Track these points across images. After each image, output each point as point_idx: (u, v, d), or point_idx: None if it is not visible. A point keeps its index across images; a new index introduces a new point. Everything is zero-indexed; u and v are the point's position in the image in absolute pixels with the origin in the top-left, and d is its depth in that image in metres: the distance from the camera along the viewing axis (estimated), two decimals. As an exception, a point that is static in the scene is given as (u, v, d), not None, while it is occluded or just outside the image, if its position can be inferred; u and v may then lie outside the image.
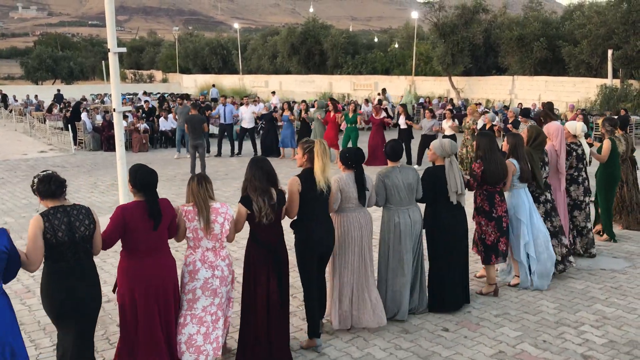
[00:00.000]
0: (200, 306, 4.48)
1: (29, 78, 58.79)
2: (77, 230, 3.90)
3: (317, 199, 4.95)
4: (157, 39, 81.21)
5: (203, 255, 4.50)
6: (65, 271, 3.89)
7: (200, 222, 4.43)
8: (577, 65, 28.29)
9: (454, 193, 5.65)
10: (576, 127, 7.48)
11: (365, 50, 42.57)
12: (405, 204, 5.56)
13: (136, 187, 4.31)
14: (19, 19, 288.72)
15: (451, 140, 5.92)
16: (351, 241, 5.24)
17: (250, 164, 4.76)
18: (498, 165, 6.07)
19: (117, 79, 8.72)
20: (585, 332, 5.39)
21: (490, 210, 6.16)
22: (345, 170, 5.31)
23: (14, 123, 27.58)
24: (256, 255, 4.70)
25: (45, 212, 3.89)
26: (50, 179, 3.92)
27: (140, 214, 4.23)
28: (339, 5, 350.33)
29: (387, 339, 5.29)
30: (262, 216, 4.61)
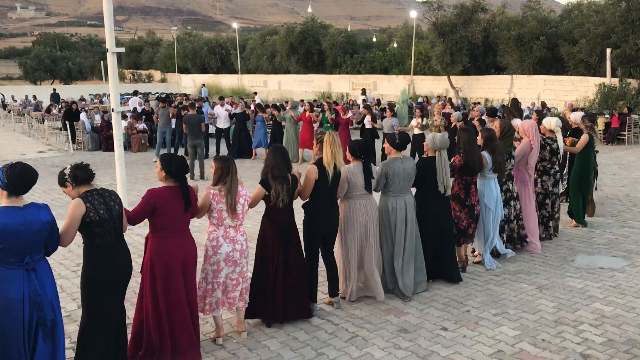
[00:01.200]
0: (223, 275, 5.07)
1: (27, 78, 58.72)
2: (113, 208, 4.32)
3: (328, 185, 5.58)
4: (156, 39, 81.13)
5: (225, 231, 5.05)
6: (111, 245, 4.31)
7: (225, 204, 4.94)
8: (575, 65, 28.32)
9: (442, 184, 6.26)
10: (551, 122, 8.18)
11: (364, 49, 42.59)
12: (402, 192, 6.14)
13: (170, 173, 4.71)
14: (17, 19, 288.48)
15: (444, 135, 6.52)
16: (358, 225, 5.88)
17: (273, 152, 5.42)
18: (476, 158, 6.71)
19: (116, 79, 8.72)
20: (584, 331, 5.39)
21: (465, 198, 6.82)
22: (354, 160, 5.91)
23: (13, 123, 27.56)
24: (269, 232, 5.40)
25: (84, 195, 4.25)
26: (85, 165, 4.34)
27: (171, 197, 4.67)
28: (337, 5, 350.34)
29: (386, 338, 5.30)
30: (279, 201, 5.29)
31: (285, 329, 5.50)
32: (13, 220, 3.75)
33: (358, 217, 5.87)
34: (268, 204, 5.40)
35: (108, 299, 4.33)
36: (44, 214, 3.93)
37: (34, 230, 3.82)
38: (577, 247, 7.95)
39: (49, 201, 11.25)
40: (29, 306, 3.82)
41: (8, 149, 19.45)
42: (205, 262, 5.10)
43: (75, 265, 7.38)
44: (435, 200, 6.36)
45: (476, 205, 6.86)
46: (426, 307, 5.97)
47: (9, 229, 3.71)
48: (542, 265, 7.22)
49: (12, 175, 3.81)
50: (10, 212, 3.78)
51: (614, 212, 9.91)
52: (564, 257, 7.56)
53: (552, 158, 8.18)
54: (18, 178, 3.82)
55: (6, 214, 3.76)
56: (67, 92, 41.18)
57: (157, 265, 4.65)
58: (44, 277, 3.95)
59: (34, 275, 3.87)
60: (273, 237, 5.39)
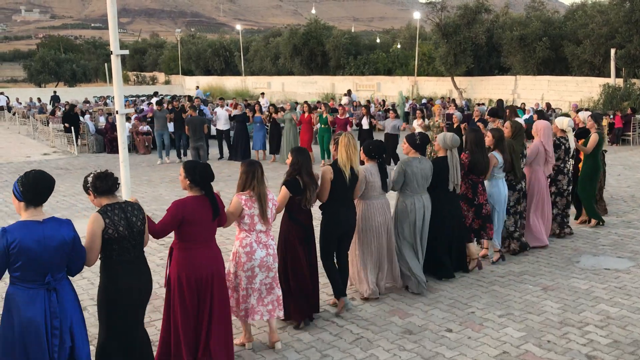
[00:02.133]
0: (258, 281, 5.02)
1: (32, 81, 58.88)
2: (134, 225, 4.07)
3: (345, 186, 5.66)
4: (160, 41, 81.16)
5: (257, 236, 4.99)
6: (130, 263, 4.07)
7: (257, 209, 4.89)
8: (579, 65, 28.24)
9: (452, 183, 6.42)
10: (563, 122, 8.39)
11: (367, 50, 42.52)
12: (419, 191, 6.29)
13: (195, 182, 4.51)
14: (22, 22, 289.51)
15: (453, 134, 6.57)
16: (376, 226, 6.01)
17: (296, 152, 5.47)
18: (483, 158, 6.88)
19: (120, 81, 8.70)
20: (590, 332, 5.38)
21: (473, 197, 6.98)
22: (368, 161, 6.01)
23: (18, 126, 27.64)
24: (293, 232, 5.46)
25: (103, 209, 4.00)
26: (106, 176, 4.05)
27: (198, 207, 4.48)
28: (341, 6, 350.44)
29: (390, 339, 5.29)
30: (307, 202, 5.41)
31: (288, 330, 5.51)
32: (29, 236, 3.50)
33: (377, 218, 6.00)
34: (290, 206, 5.41)
35: (126, 318, 4.11)
36: (65, 230, 3.67)
37: (53, 247, 3.56)
38: (582, 248, 7.93)
39: (53, 204, 11.28)
40: (46, 331, 3.58)
41: (13, 151, 19.51)
42: (238, 269, 4.98)
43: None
44: (446, 199, 6.51)
45: (485, 204, 7.00)
46: (431, 309, 5.97)
47: (26, 245, 3.47)
48: (547, 267, 7.20)
49: (27, 182, 3.57)
50: (28, 226, 3.54)
51: (619, 213, 9.88)
52: (569, 258, 7.54)
53: (566, 157, 8.37)
54: (33, 185, 3.57)
55: (22, 229, 3.52)
56: (71, 95, 41.28)
57: (186, 278, 4.46)
58: (65, 299, 3.70)
59: (55, 296, 3.62)
60: (298, 237, 5.46)
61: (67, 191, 12.63)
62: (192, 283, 4.47)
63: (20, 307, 3.55)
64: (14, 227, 3.53)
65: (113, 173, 4.13)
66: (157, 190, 12.48)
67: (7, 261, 3.48)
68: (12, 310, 3.57)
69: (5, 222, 9.92)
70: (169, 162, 16.63)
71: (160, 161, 16.56)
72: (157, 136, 16.55)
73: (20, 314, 3.54)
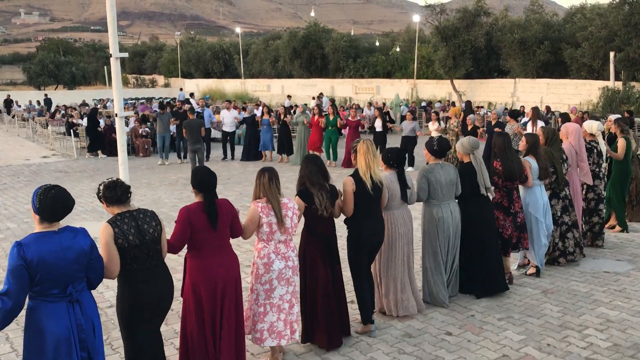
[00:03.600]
0: (277, 295, 4.74)
1: (31, 83, 58.82)
2: (146, 232, 3.97)
3: (369, 196, 5.27)
4: (159, 43, 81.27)
5: (276, 247, 4.75)
6: (141, 273, 3.96)
7: (274, 217, 4.66)
8: (579, 68, 28.28)
9: (483, 186, 6.12)
10: (592, 126, 8.08)
11: (366, 53, 42.59)
12: (446, 199, 5.97)
13: (196, 188, 4.44)
14: (21, 25, 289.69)
15: (470, 137, 6.40)
16: (399, 237, 5.65)
17: (305, 161, 5.13)
18: (514, 163, 6.47)
19: (119, 84, 8.73)
20: (590, 336, 5.37)
21: (509, 206, 6.51)
22: (387, 169, 5.69)
23: (17, 128, 27.64)
24: (312, 246, 5.09)
25: (112, 219, 3.93)
26: (115, 186, 4.00)
27: (203, 213, 4.35)
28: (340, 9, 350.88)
29: (390, 343, 5.28)
30: (323, 209, 5.00)
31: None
32: (46, 247, 3.38)
33: (399, 229, 5.64)
34: (308, 217, 5.11)
35: (145, 326, 4.04)
36: (81, 239, 3.55)
37: (71, 258, 3.45)
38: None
39: (52, 206, 11.26)
40: (76, 345, 3.48)
41: (12, 154, 19.50)
42: (255, 282, 4.76)
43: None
44: (478, 206, 6.19)
45: (519, 212, 6.56)
46: (430, 312, 5.95)
47: (44, 258, 3.34)
48: (547, 270, 7.19)
49: (44, 200, 3.43)
50: (43, 238, 3.41)
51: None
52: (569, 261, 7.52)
53: (600, 161, 8.08)
54: (50, 205, 3.43)
55: (38, 242, 3.38)
56: (70, 97, 41.30)
57: (199, 287, 4.35)
58: (89, 310, 3.59)
59: (79, 308, 3.51)
60: (317, 252, 5.08)
61: (66, 194, 12.62)
62: (205, 291, 4.35)
63: (45, 324, 3.40)
64: (29, 239, 3.40)
65: (123, 182, 4.07)
66: (156, 193, 12.47)
67: (28, 275, 3.33)
68: (36, 328, 3.41)
69: (4, 224, 9.90)
70: (168, 163, 16.73)
71: (160, 161, 16.80)
72: (159, 138, 16.86)
73: (45, 330, 3.39)
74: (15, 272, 3.30)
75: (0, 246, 8.64)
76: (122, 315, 4.01)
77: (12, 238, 9.03)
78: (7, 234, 9.28)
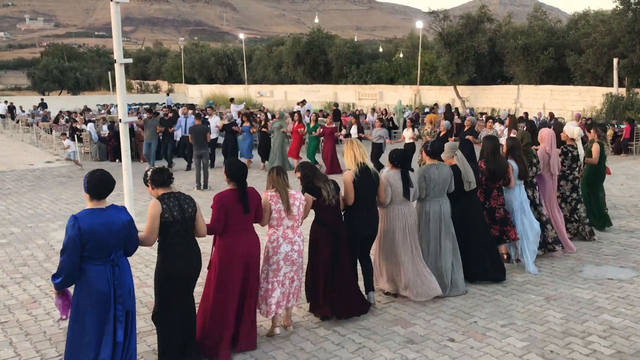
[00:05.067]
0: (282, 273, 5.44)
1: (35, 89, 59.16)
2: (186, 211, 4.72)
3: (365, 188, 5.93)
4: (163, 49, 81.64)
5: (284, 232, 5.43)
6: (180, 245, 4.71)
7: (282, 204, 5.34)
8: (582, 74, 28.26)
9: (467, 182, 6.66)
10: (574, 131, 8.64)
11: (370, 59, 42.66)
12: (437, 196, 6.49)
13: (230, 176, 5.14)
14: (26, 30, 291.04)
15: (448, 143, 7.03)
16: (398, 229, 6.19)
17: (302, 166, 5.85)
18: (499, 165, 7.11)
19: (123, 90, 8.78)
20: (593, 343, 5.35)
21: (484, 202, 7.22)
22: (392, 168, 6.24)
23: (21, 133, 27.72)
24: (321, 234, 5.75)
25: (161, 197, 4.70)
26: (162, 171, 4.79)
27: (234, 199, 5.08)
28: (343, 16, 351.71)
29: (392, 349, 5.27)
30: (330, 198, 5.69)
31: (292, 339, 5.50)
32: (96, 221, 4.13)
33: (396, 223, 6.19)
34: (317, 210, 5.75)
35: (176, 292, 4.73)
36: (124, 215, 4.32)
37: (115, 230, 4.21)
38: (585, 258, 7.90)
39: (55, 212, 11.30)
40: (113, 299, 4.22)
41: (16, 159, 19.56)
42: (264, 263, 5.45)
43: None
44: (467, 203, 6.79)
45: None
46: (433, 318, 5.95)
47: (94, 229, 4.10)
48: (550, 276, 7.18)
49: (91, 180, 4.23)
50: (94, 213, 4.18)
51: (621, 223, 9.84)
52: (572, 267, 7.51)
53: (572, 164, 8.61)
54: (95, 185, 4.23)
55: (90, 216, 4.15)
56: (74, 103, 41.41)
57: (223, 262, 5.04)
58: (125, 271, 4.35)
59: (118, 271, 4.27)
60: (324, 240, 5.73)
61: (69, 199, 12.65)
62: (231, 266, 5.04)
63: (91, 281, 4.17)
64: (82, 214, 4.16)
65: (168, 169, 4.83)
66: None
67: (80, 243, 4.08)
68: (84, 283, 4.18)
69: (7, 229, 9.93)
70: None
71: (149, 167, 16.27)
72: (145, 145, 16.40)
73: (91, 286, 4.17)
74: (71, 240, 4.06)
75: (4, 250, 8.65)
76: (157, 278, 4.74)
77: (15, 243, 9.05)
78: (11, 239, 9.30)
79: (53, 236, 9.34)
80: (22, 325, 5.91)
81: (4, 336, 5.65)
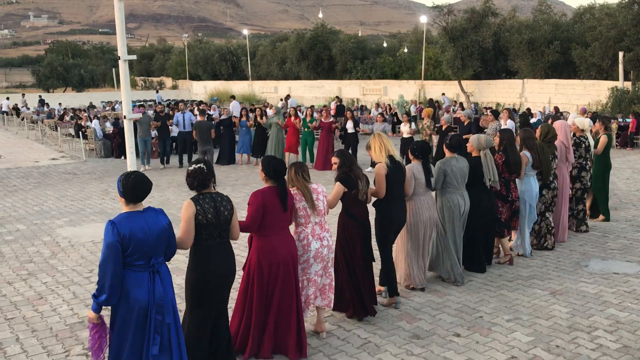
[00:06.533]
0: (313, 271, 5.29)
1: (40, 86, 59.21)
2: (221, 214, 4.45)
3: (395, 179, 5.93)
4: (167, 45, 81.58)
5: (312, 229, 5.26)
6: (211, 249, 4.45)
7: (306, 202, 5.16)
8: (587, 68, 28.13)
9: (488, 180, 6.86)
10: (584, 123, 8.86)
11: (374, 55, 42.58)
12: (459, 188, 6.65)
13: (269, 174, 4.94)
14: (30, 28, 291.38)
15: (487, 136, 7.17)
16: (425, 220, 6.32)
17: (341, 153, 5.75)
18: (516, 157, 7.34)
19: (128, 87, 8.77)
20: (599, 337, 5.34)
21: (507, 194, 7.37)
22: (414, 160, 6.35)
23: (26, 131, 27.79)
24: (349, 227, 5.66)
25: (195, 197, 4.45)
26: (195, 175, 4.45)
27: (273, 197, 4.90)
28: (347, 11, 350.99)
29: (398, 344, 5.27)
30: (363, 194, 5.59)
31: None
32: (135, 224, 3.92)
33: (424, 212, 6.30)
34: (346, 202, 5.64)
35: (208, 297, 4.51)
36: (162, 218, 4.10)
37: (155, 234, 4.00)
38: (591, 252, 7.89)
39: (61, 208, 11.32)
40: (153, 309, 3.97)
41: (22, 156, 19.62)
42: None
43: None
44: (482, 195, 6.90)
45: (516, 200, 7.45)
46: (439, 313, 5.94)
47: (134, 233, 3.88)
48: (556, 271, 7.17)
49: (127, 184, 3.99)
50: (133, 217, 3.96)
51: (627, 217, 9.82)
52: (578, 262, 7.49)
53: (586, 155, 8.80)
54: (131, 188, 3.98)
55: (128, 220, 3.93)
56: (79, 100, 41.48)
57: (265, 263, 4.89)
58: (166, 280, 4.11)
59: (158, 278, 4.03)
60: (354, 233, 5.64)
61: (75, 196, 12.68)
62: (269, 267, 4.89)
63: (130, 289, 3.92)
64: (120, 218, 3.93)
65: (204, 169, 4.48)
66: (164, 195, 12.51)
67: (121, 249, 3.85)
68: (123, 292, 3.92)
69: (13, 226, 9.96)
70: (149, 168, 16.12)
71: (142, 167, 15.90)
72: (140, 142, 15.95)
73: (130, 294, 3.91)
74: (111, 246, 3.82)
75: (10, 247, 8.68)
76: (188, 282, 4.49)
77: (21, 240, 9.08)
78: (17, 236, 9.33)
79: (59, 233, 9.36)
80: (29, 322, 5.93)
81: (10, 332, 5.68)
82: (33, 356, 5.18)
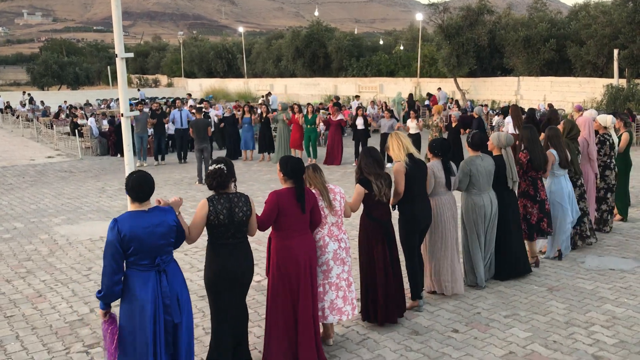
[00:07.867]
0: (334, 274, 5.13)
1: (35, 84, 58.96)
2: (236, 215, 4.44)
3: (416, 178, 5.73)
4: (162, 43, 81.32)
5: (329, 230, 5.14)
6: (224, 248, 4.47)
7: (323, 201, 5.03)
8: (583, 66, 28.20)
9: (510, 180, 6.54)
10: (607, 120, 8.53)
11: (369, 52, 42.55)
12: (485, 188, 6.39)
13: (287, 174, 4.81)
14: (24, 25, 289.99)
15: (507, 133, 6.80)
16: (446, 221, 6.09)
17: (364, 153, 5.54)
18: (540, 154, 6.96)
19: (125, 84, 8.73)
20: (596, 333, 5.39)
21: (535, 194, 7.03)
22: (433, 158, 6.14)
23: (21, 129, 27.71)
24: (370, 230, 5.49)
25: (211, 196, 4.48)
26: (215, 175, 4.44)
27: (291, 198, 4.76)
28: (343, 8, 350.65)
29: (397, 340, 5.30)
30: (382, 195, 5.42)
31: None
32: (138, 224, 3.91)
33: (446, 213, 6.09)
34: (367, 203, 5.50)
35: (225, 296, 4.52)
36: (170, 217, 4.09)
37: (160, 233, 3.98)
38: (587, 249, 7.92)
39: (58, 206, 11.32)
40: (160, 309, 3.96)
41: (17, 154, 19.58)
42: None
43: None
44: (505, 196, 6.59)
45: (546, 200, 7.08)
46: (437, 310, 5.98)
47: (136, 232, 3.88)
48: (552, 267, 7.21)
49: (129, 183, 4.01)
50: (136, 216, 3.96)
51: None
52: (574, 258, 7.54)
53: (611, 152, 8.56)
54: (133, 186, 3.99)
55: (131, 219, 3.93)
56: (74, 98, 41.35)
57: (284, 266, 4.79)
58: (173, 279, 4.08)
59: (165, 277, 4.01)
60: (375, 235, 5.47)
61: (71, 194, 12.67)
62: (289, 270, 4.77)
63: (135, 288, 3.93)
64: (123, 217, 3.95)
65: (224, 170, 4.46)
66: (161, 193, 12.51)
67: (122, 248, 3.87)
68: (128, 291, 3.94)
69: (10, 224, 9.95)
70: (146, 165, 16.39)
71: (138, 163, 16.12)
72: (137, 139, 16.02)
73: (135, 294, 3.92)
74: (109, 245, 3.86)
75: (8, 245, 8.68)
76: (207, 281, 4.55)
77: (19, 238, 9.08)
78: (14, 234, 9.33)
79: (56, 231, 9.36)
80: (28, 320, 5.94)
81: (10, 330, 5.69)
82: (33, 353, 5.19)
